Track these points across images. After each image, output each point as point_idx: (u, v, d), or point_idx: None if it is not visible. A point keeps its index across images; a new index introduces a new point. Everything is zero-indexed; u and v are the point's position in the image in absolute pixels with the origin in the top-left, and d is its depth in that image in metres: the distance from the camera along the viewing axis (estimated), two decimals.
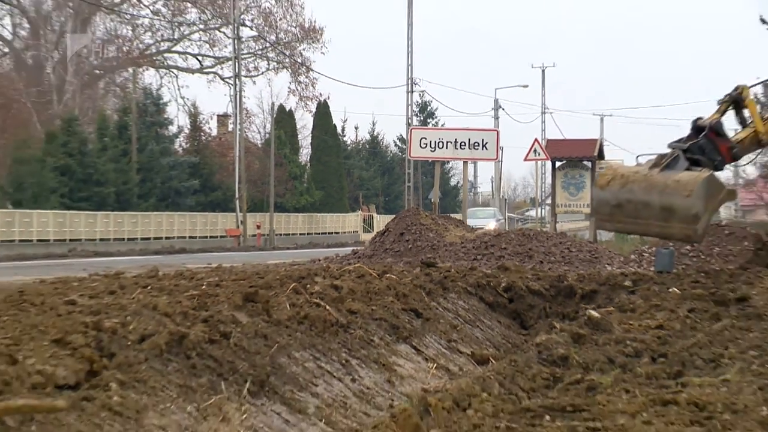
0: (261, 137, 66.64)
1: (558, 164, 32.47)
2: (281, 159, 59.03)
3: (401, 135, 78.28)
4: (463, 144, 30.31)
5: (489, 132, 33.35)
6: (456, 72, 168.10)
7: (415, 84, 62.37)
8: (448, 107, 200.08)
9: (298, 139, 68.69)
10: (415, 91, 64.09)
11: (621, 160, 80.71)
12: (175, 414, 4.79)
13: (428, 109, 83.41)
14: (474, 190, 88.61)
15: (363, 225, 67.44)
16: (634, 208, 11.46)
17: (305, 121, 70.71)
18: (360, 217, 68.81)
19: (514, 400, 5.68)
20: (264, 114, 65.67)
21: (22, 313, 6.03)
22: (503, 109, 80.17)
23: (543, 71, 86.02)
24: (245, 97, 74.26)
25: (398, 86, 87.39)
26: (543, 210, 62.09)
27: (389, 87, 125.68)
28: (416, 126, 60.84)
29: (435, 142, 30.74)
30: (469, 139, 30.49)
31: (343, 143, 76.51)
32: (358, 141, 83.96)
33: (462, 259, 18.21)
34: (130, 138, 53.21)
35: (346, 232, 64.14)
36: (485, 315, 10.47)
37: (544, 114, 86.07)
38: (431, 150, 30.81)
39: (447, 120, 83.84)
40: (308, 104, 68.58)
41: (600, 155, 34.44)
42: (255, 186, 57.32)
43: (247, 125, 63.47)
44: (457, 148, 30.44)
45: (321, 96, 68.73)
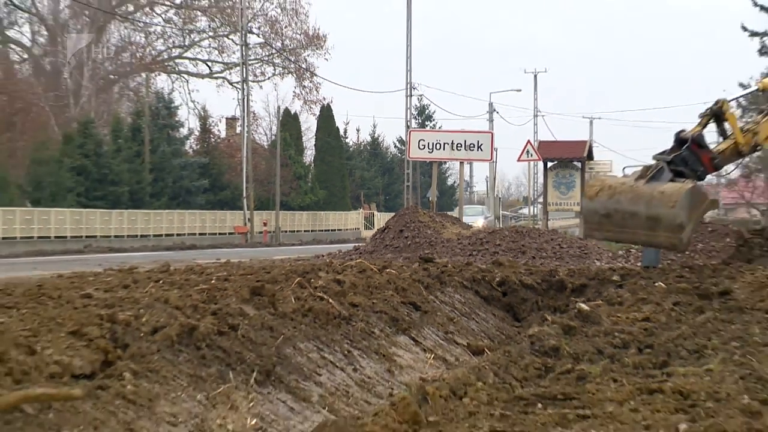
0: (267, 139, 66.73)
1: (549, 164, 32.51)
2: (286, 160, 59.08)
3: (400, 137, 78.45)
4: (460, 145, 30.35)
5: (484, 134, 33.44)
6: (453, 77, 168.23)
7: (414, 88, 62.38)
8: (445, 110, 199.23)
9: (303, 141, 68.72)
10: (414, 95, 64.10)
11: (610, 161, 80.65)
12: (186, 402, 4.79)
13: (426, 112, 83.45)
14: (470, 190, 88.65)
15: (364, 222, 67.46)
16: (622, 218, 11.46)
17: (309, 124, 70.81)
18: (361, 215, 68.83)
19: (508, 389, 5.68)
20: (270, 117, 65.89)
21: (41, 306, 6.03)
22: (497, 113, 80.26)
23: (535, 76, 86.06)
24: (252, 101, 74.56)
25: (398, 90, 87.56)
26: (535, 208, 62.09)
27: (389, 91, 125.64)
28: (415, 128, 60.74)
29: (433, 144, 30.79)
30: (465, 141, 30.55)
31: (346, 145, 76.53)
32: (360, 142, 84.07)
33: (458, 255, 18.21)
34: (143, 140, 53.23)
35: (348, 230, 64.16)
36: (480, 308, 10.47)
37: (537, 117, 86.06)
38: (429, 151, 30.85)
39: (444, 122, 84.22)
40: (312, 108, 68.72)
41: (589, 156, 34.47)
42: (262, 185, 57.35)
43: (254, 128, 63.56)
44: (454, 150, 30.48)
45: (324, 100, 68.91)
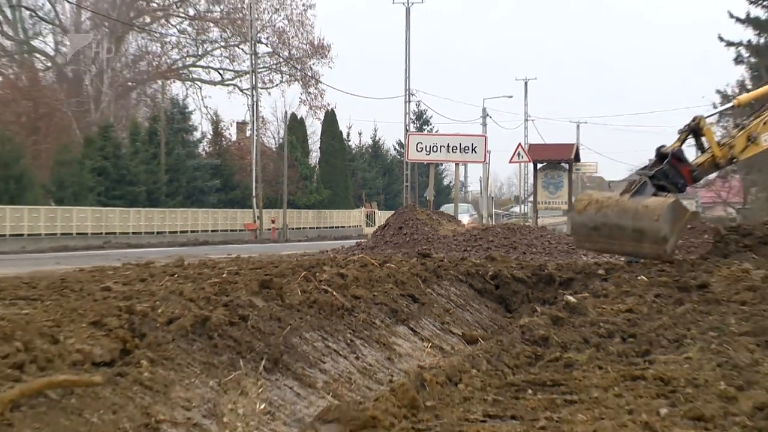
0: (275, 142, 66.71)
1: (539, 166, 32.45)
2: (293, 161, 59.08)
3: (400, 140, 78.32)
4: (455, 148, 30.35)
5: (478, 137, 33.42)
6: (448, 84, 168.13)
7: (412, 95, 62.61)
8: (442, 115, 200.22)
9: (309, 144, 68.75)
10: (412, 101, 64.35)
11: (595, 163, 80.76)
12: (199, 388, 4.79)
13: (424, 117, 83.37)
14: (465, 189, 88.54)
15: (366, 220, 67.42)
16: (609, 231, 11.48)
17: (314, 128, 70.90)
18: (363, 213, 68.80)
19: (500, 376, 5.68)
20: (278, 121, 65.81)
21: (63, 298, 6.03)
22: (490, 117, 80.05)
23: (526, 83, 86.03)
24: (261, 107, 74.32)
25: (397, 97, 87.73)
26: (526, 206, 62.11)
27: (389, 97, 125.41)
28: (413, 132, 60.75)
29: (430, 147, 30.78)
30: (460, 144, 30.54)
31: (348, 147, 76.52)
32: (362, 145, 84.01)
33: (454, 251, 18.20)
34: (159, 143, 53.25)
35: (351, 227, 64.16)
36: (474, 300, 10.47)
37: (527, 121, 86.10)
38: (426, 153, 30.85)
39: (440, 127, 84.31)
40: (317, 113, 68.87)
41: (576, 158, 34.47)
42: (270, 185, 57.33)
43: (263, 131, 63.56)
44: (450, 152, 30.47)
45: (329, 105, 69.03)
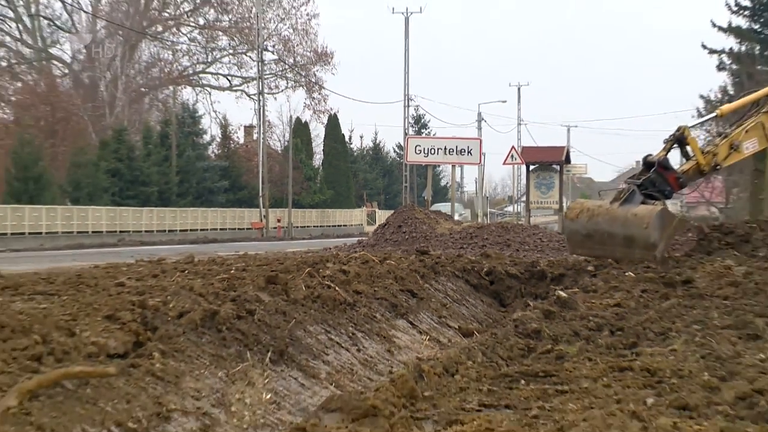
0: (281, 145, 66.69)
1: (531, 167, 32.43)
2: (298, 163, 59.03)
3: (399, 143, 78.16)
4: (452, 150, 30.37)
5: (473, 140, 33.43)
6: (445, 89, 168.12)
7: (411, 100, 62.54)
8: (439, 119, 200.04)
9: (312, 147, 68.70)
10: (411, 106, 64.24)
11: (585, 165, 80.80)
12: (209, 379, 4.79)
13: (422, 121, 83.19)
14: (461, 190, 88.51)
15: (367, 219, 67.35)
16: (601, 238, 11.51)
17: (318, 131, 70.76)
18: (364, 212, 68.74)
19: (495, 367, 5.68)
20: (283, 125, 65.79)
21: (79, 293, 6.03)
22: (485, 121, 79.69)
23: (519, 89, 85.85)
24: (267, 111, 74.25)
25: (396, 102, 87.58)
26: (519, 206, 62.05)
27: (389, 102, 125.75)
28: (412, 135, 60.59)
29: (428, 149, 30.80)
30: (457, 147, 30.56)
31: (350, 150, 76.47)
32: (363, 148, 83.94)
33: (450, 248, 18.19)
34: (171, 145, 53.21)
35: (353, 225, 64.10)
36: (470, 295, 10.47)
37: (520, 125, 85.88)
38: (424, 156, 30.88)
39: (438, 130, 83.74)
40: (321, 117, 68.76)
41: (567, 160, 34.46)
42: (276, 186, 57.27)
43: (269, 135, 63.59)
44: (446, 154, 30.50)
45: (331, 110, 68.96)
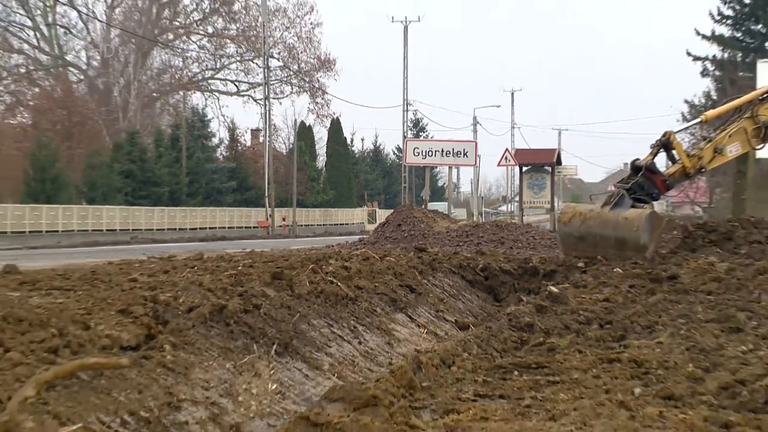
0: (286, 147, 66.62)
1: (524, 169, 32.44)
2: (302, 165, 59.05)
3: (398, 145, 78.26)
4: (448, 153, 30.41)
5: (469, 143, 33.49)
6: (443, 94, 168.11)
7: (410, 104, 62.57)
8: (436, 123, 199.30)
9: (316, 149, 68.73)
10: (410, 110, 64.25)
11: (575, 166, 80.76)
12: (217, 370, 4.78)
13: (420, 125, 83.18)
14: (457, 190, 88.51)
15: (368, 218, 67.34)
16: (594, 240, 11.54)
17: (321, 134, 70.77)
18: (365, 212, 68.74)
19: (489, 359, 5.67)
20: (288, 128, 65.69)
21: (94, 289, 6.02)
22: (480, 125, 79.86)
23: (512, 94, 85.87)
24: (273, 115, 74.63)
25: (396, 106, 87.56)
26: (512, 206, 62.03)
27: (389, 107, 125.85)
28: (411, 138, 60.55)
29: (425, 151, 30.82)
30: (453, 149, 30.61)
31: (352, 152, 76.48)
32: (364, 150, 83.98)
33: (447, 245, 18.18)
34: (181, 148, 53.23)
35: (354, 224, 64.09)
36: (466, 290, 10.46)
37: (513, 128, 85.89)
38: (422, 157, 30.90)
39: (435, 133, 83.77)
40: (324, 121, 68.81)
41: (558, 162, 34.47)
42: (281, 186, 57.27)
43: (275, 138, 63.52)
44: (443, 156, 30.53)
45: (334, 114, 69.01)
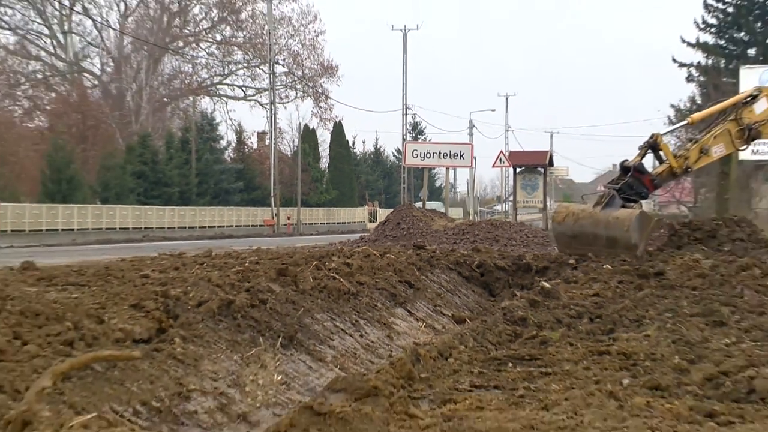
0: (290, 149, 66.58)
1: (518, 170, 32.37)
2: (306, 166, 59.00)
3: (398, 147, 78.04)
4: (446, 154, 30.35)
5: (465, 145, 33.39)
6: (440, 98, 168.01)
7: (409, 108, 62.54)
8: (434, 126, 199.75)
9: (319, 151, 68.67)
10: (409, 114, 64.22)
11: (566, 167, 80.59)
12: (225, 362, 4.78)
13: (419, 128, 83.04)
14: (454, 190, 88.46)
15: (368, 217, 67.26)
16: (586, 239, 11.54)
17: (324, 137, 70.73)
18: (366, 211, 68.68)
19: (485, 351, 5.67)
20: (293, 131, 65.72)
21: (108, 284, 6.02)
22: (476, 128, 79.64)
23: (507, 99, 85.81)
24: (278, 119, 74.01)
25: (395, 110, 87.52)
26: (506, 205, 62.03)
27: (389, 111, 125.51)
28: (410, 141, 60.53)
29: (424, 153, 30.77)
30: (450, 151, 30.54)
31: (354, 154, 76.39)
32: (365, 152, 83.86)
33: (444, 243, 18.15)
34: (191, 150, 53.18)
35: (356, 222, 64.04)
36: (462, 286, 10.45)
37: (507, 131, 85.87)
38: (421, 159, 30.84)
39: (433, 136, 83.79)
40: (327, 124, 68.78)
41: (550, 163, 34.45)
42: (286, 186, 57.22)
43: (280, 140, 63.38)
44: (441, 158, 30.47)
45: (336, 118, 68.95)
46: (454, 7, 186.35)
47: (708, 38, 37.76)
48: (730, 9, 36.87)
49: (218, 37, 66.97)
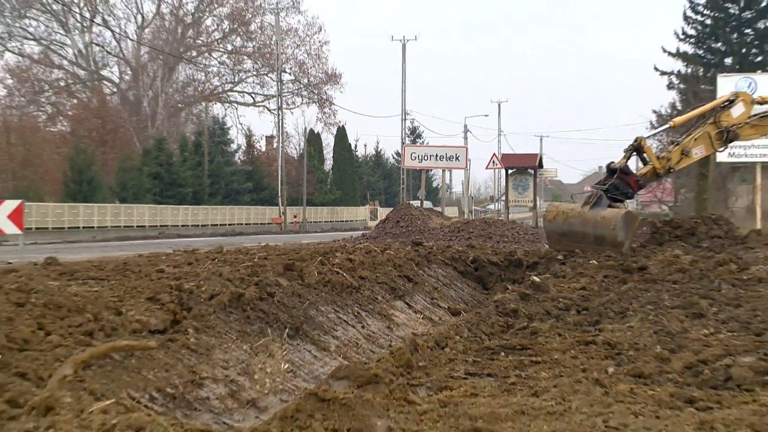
0: (297, 152, 66.52)
1: (510, 171, 32.36)
2: (311, 168, 58.99)
3: (397, 150, 77.96)
4: (442, 157, 30.36)
5: (460, 148, 33.39)
6: (437, 104, 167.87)
7: (407, 114, 62.24)
8: (431, 130, 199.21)
9: (323, 154, 68.66)
10: (407, 119, 63.99)
11: (555, 169, 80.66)
12: (235, 351, 4.78)
13: (417, 132, 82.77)
14: (449, 190, 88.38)
15: (370, 215, 67.24)
16: (575, 237, 11.60)
17: (328, 141, 70.68)
18: (368, 210, 68.67)
19: (479, 341, 5.67)
20: (299, 135, 65.59)
21: (125, 278, 6.02)
22: (470, 132, 79.81)
23: (499, 104, 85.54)
24: (285, 124, 74.30)
25: (395, 115, 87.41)
26: (499, 204, 62.00)
27: (389, 116, 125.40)
28: (408, 144, 60.35)
29: (422, 156, 30.79)
30: (446, 154, 30.56)
31: (356, 156, 76.33)
32: (367, 155, 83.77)
33: (441, 240, 18.16)
34: (203, 153, 53.16)
35: (358, 221, 64.03)
36: (458, 280, 10.45)
37: (500, 135, 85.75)
38: (419, 161, 30.85)
39: (430, 140, 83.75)
40: (330, 129, 68.76)
41: (540, 165, 34.42)
42: (292, 187, 57.18)
43: (287, 144, 63.45)
44: (438, 160, 30.49)
45: (340, 123, 69.13)
46: (451, 19, 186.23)
47: (687, 48, 37.75)
48: (708, 21, 36.87)
49: (229, 47, 66.99)
